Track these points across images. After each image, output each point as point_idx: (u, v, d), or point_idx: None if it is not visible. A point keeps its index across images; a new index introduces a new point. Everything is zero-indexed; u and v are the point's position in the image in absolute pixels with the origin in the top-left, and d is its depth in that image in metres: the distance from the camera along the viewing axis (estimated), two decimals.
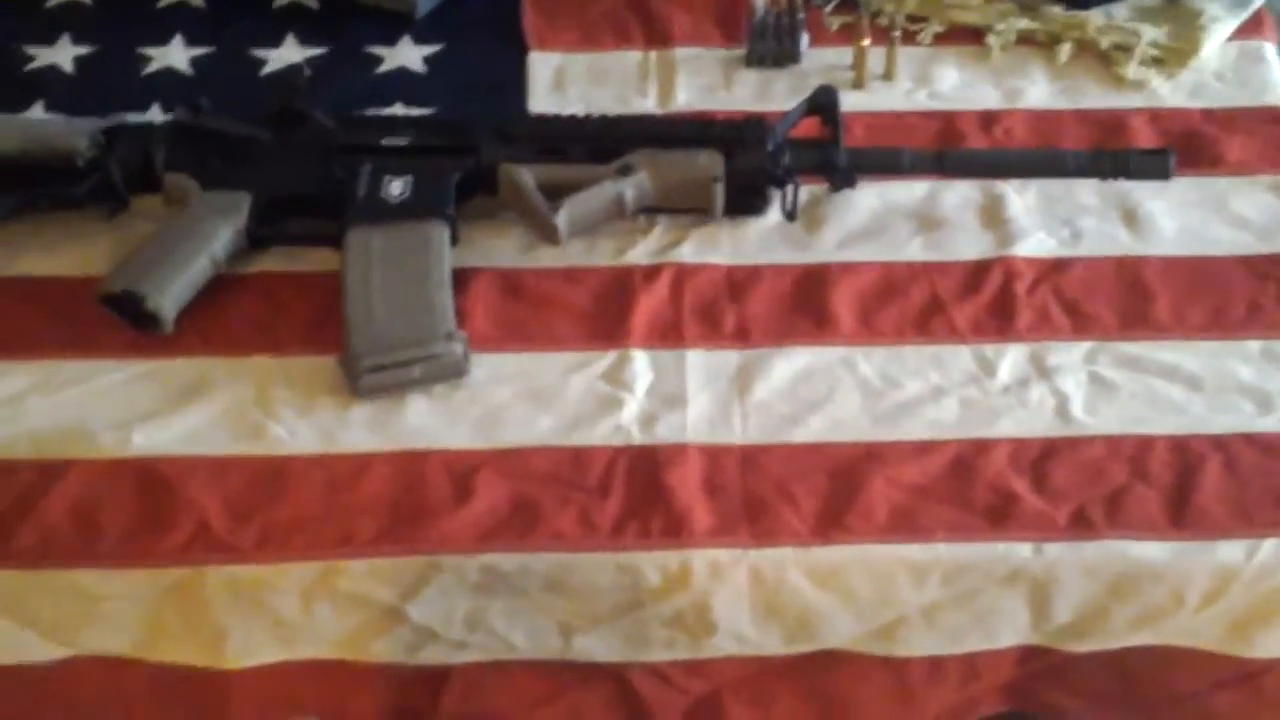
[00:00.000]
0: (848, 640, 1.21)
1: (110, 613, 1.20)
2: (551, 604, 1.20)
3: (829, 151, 1.42)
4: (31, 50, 1.68)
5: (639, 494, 1.21)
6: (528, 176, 1.39)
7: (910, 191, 1.48)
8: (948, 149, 1.46)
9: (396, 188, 1.38)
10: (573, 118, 1.46)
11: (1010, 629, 1.20)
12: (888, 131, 1.55)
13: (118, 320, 1.34)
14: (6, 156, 1.40)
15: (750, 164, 1.40)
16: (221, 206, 1.38)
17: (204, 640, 1.20)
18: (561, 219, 1.37)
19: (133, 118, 1.56)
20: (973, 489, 1.22)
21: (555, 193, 1.39)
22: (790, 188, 1.41)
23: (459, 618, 1.20)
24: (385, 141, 1.43)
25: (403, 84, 1.64)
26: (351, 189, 1.39)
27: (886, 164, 1.43)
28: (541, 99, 1.61)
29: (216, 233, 1.36)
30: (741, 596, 1.18)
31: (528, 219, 1.40)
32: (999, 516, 1.20)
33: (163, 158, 1.41)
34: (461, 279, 1.37)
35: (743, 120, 1.44)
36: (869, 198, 1.47)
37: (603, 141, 1.41)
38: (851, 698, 1.24)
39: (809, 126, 1.46)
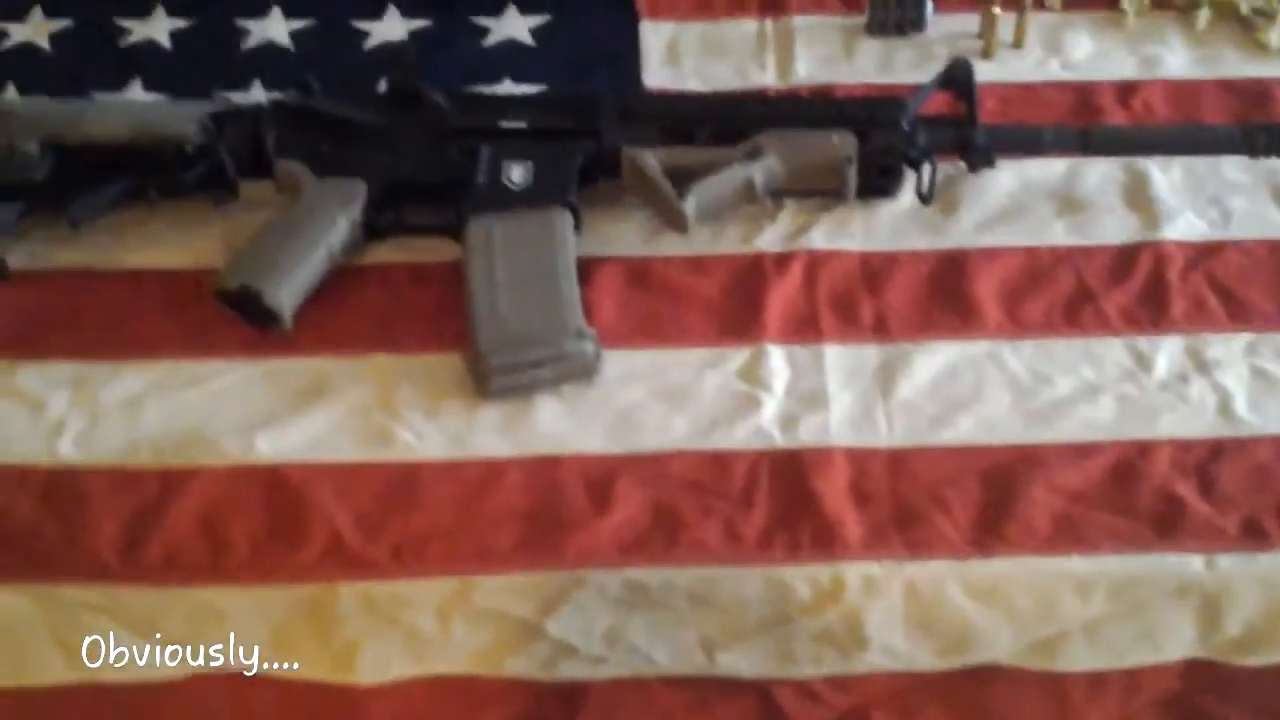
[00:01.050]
0: (1004, 655, 1.16)
1: (238, 628, 1.16)
2: (695, 618, 1.15)
3: (966, 130, 1.36)
4: (126, 23, 1.61)
5: (785, 502, 1.16)
6: (653, 161, 1.33)
7: (1048, 169, 1.42)
8: (1091, 126, 1.40)
9: (517, 173, 1.32)
10: (698, 97, 1.41)
11: (1176, 642, 1.15)
12: (1019, 104, 1.49)
13: (233, 317, 1.28)
14: (112, 143, 1.35)
15: (884, 144, 1.34)
16: (337, 195, 1.33)
17: (335, 656, 1.16)
18: (690, 206, 1.31)
19: (235, 96, 1.50)
20: (1137, 495, 1.16)
21: (681, 177, 1.34)
22: (926, 169, 1.33)
23: (598, 633, 1.15)
24: (503, 123, 1.36)
25: (511, 57, 1.58)
26: (470, 175, 1.34)
27: (1027, 143, 1.37)
28: (655, 72, 1.55)
29: (333, 223, 1.31)
30: (895, 611, 1.13)
31: (653, 205, 1.34)
32: (1166, 525, 1.14)
33: (273, 143, 1.35)
34: (584, 269, 1.31)
35: (876, 98, 1.38)
36: (1006, 177, 1.40)
37: (730, 123, 1.35)
38: (1006, 713, 1.19)
39: (938, 101, 1.40)
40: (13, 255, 1.35)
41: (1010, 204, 1.38)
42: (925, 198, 1.35)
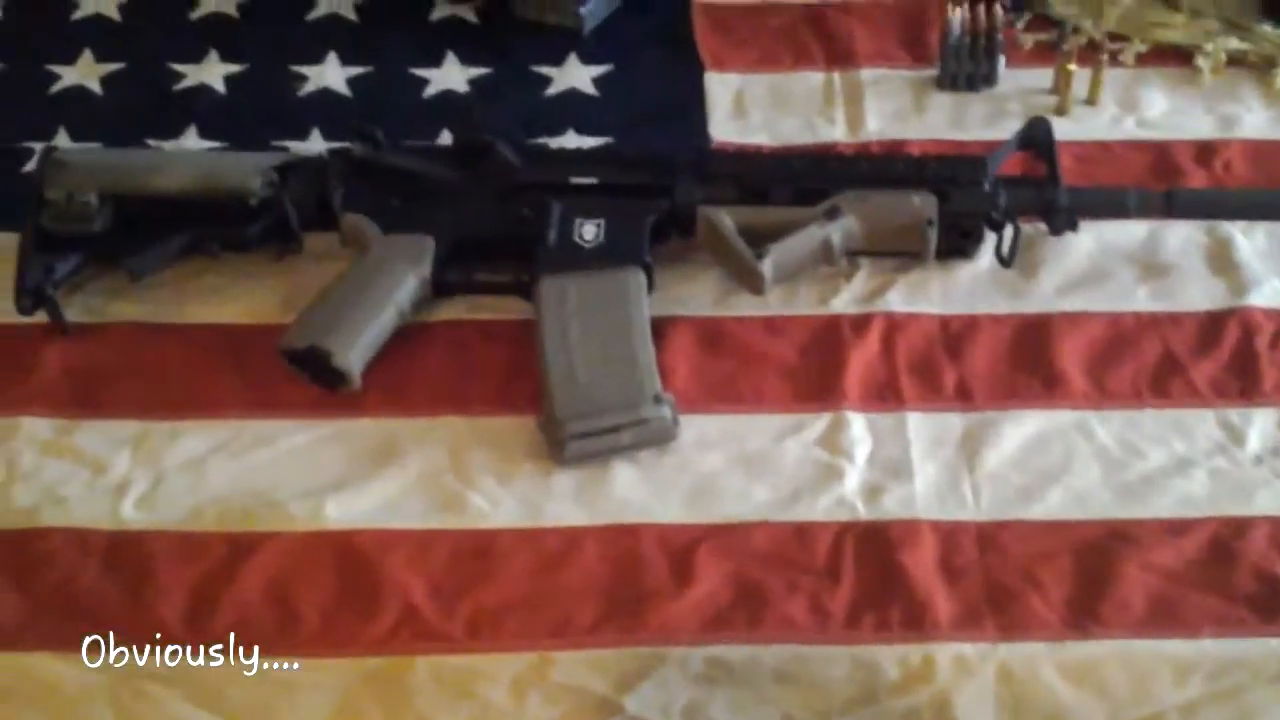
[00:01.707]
0: None
1: (305, 702, 1.11)
2: (778, 695, 1.11)
3: (1049, 192, 1.33)
4: (179, 68, 1.59)
5: (872, 578, 1.13)
6: (729, 220, 1.30)
7: (1128, 232, 1.39)
8: (1175, 189, 1.36)
9: (589, 231, 1.29)
10: (775, 155, 1.36)
11: None
12: (1095, 164, 1.46)
13: (298, 376, 1.24)
14: (176, 194, 1.32)
15: (966, 206, 1.31)
16: (405, 252, 1.30)
17: None
18: (768, 267, 1.28)
19: (294, 145, 1.47)
20: (1235, 575, 1.13)
21: (756, 236, 1.30)
22: (1008, 231, 1.30)
23: (677, 709, 1.11)
24: (574, 179, 1.32)
25: (574, 107, 1.55)
26: (541, 232, 1.30)
27: (1110, 206, 1.34)
28: (722, 124, 1.53)
29: (402, 281, 1.28)
30: (987, 693, 1.10)
31: (728, 265, 1.32)
32: (1266, 607, 1.11)
33: (339, 198, 1.31)
34: (655, 329, 1.29)
35: (957, 157, 1.34)
36: (1084, 239, 1.38)
37: (808, 182, 1.31)
38: None
39: (1011, 160, 1.37)
40: (69, 308, 1.32)
41: (1090, 267, 1.36)
42: (1006, 261, 1.32)
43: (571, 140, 1.50)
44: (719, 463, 1.21)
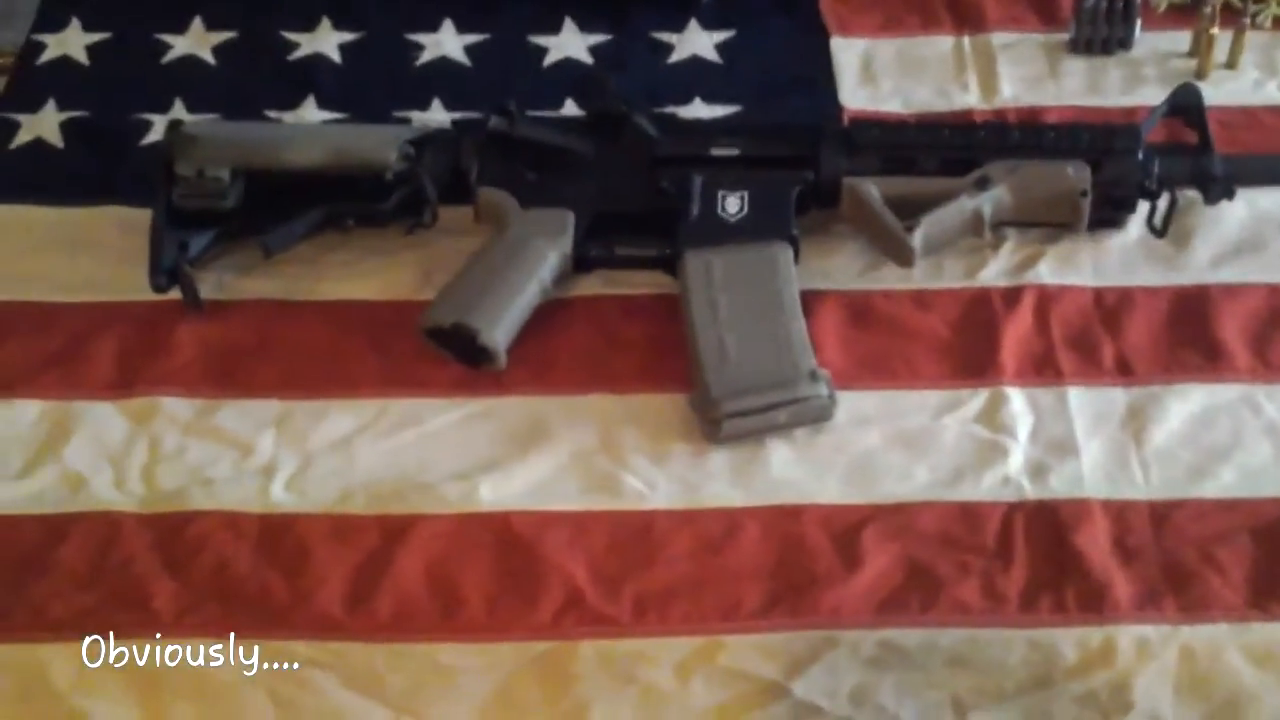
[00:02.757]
0: (1271, 719, 1.08)
1: (465, 685, 1.09)
2: (949, 679, 1.09)
3: (1204, 160, 1.29)
4: (292, 36, 1.56)
5: (1045, 559, 1.11)
6: (876, 192, 1.26)
7: (1279, 198, 1.33)
8: None
9: (733, 204, 1.26)
10: (921, 125, 1.34)
11: None
12: (1239, 129, 1.43)
13: (441, 354, 1.22)
14: (310, 169, 1.28)
15: (1120, 175, 1.27)
16: (546, 227, 1.27)
17: (561, 713, 1.10)
18: (918, 239, 1.25)
19: (416, 115, 1.44)
20: None
21: (902, 207, 1.27)
22: (1163, 201, 1.26)
23: (845, 693, 1.09)
24: (715, 151, 1.29)
25: (698, 75, 1.52)
26: (684, 206, 1.27)
27: (1267, 173, 1.32)
28: (853, 92, 1.49)
29: (544, 257, 1.25)
30: (1167, 676, 1.07)
31: (875, 238, 1.29)
32: None
33: (476, 172, 1.28)
34: (802, 304, 1.25)
35: (1111, 125, 1.31)
36: (1237, 207, 1.35)
37: (956, 152, 1.28)
38: None
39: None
40: (200, 286, 1.29)
41: (1245, 236, 1.32)
42: (1160, 231, 1.29)
43: (699, 110, 1.46)
44: (877, 441, 1.19)
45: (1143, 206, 1.31)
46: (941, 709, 1.09)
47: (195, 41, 1.57)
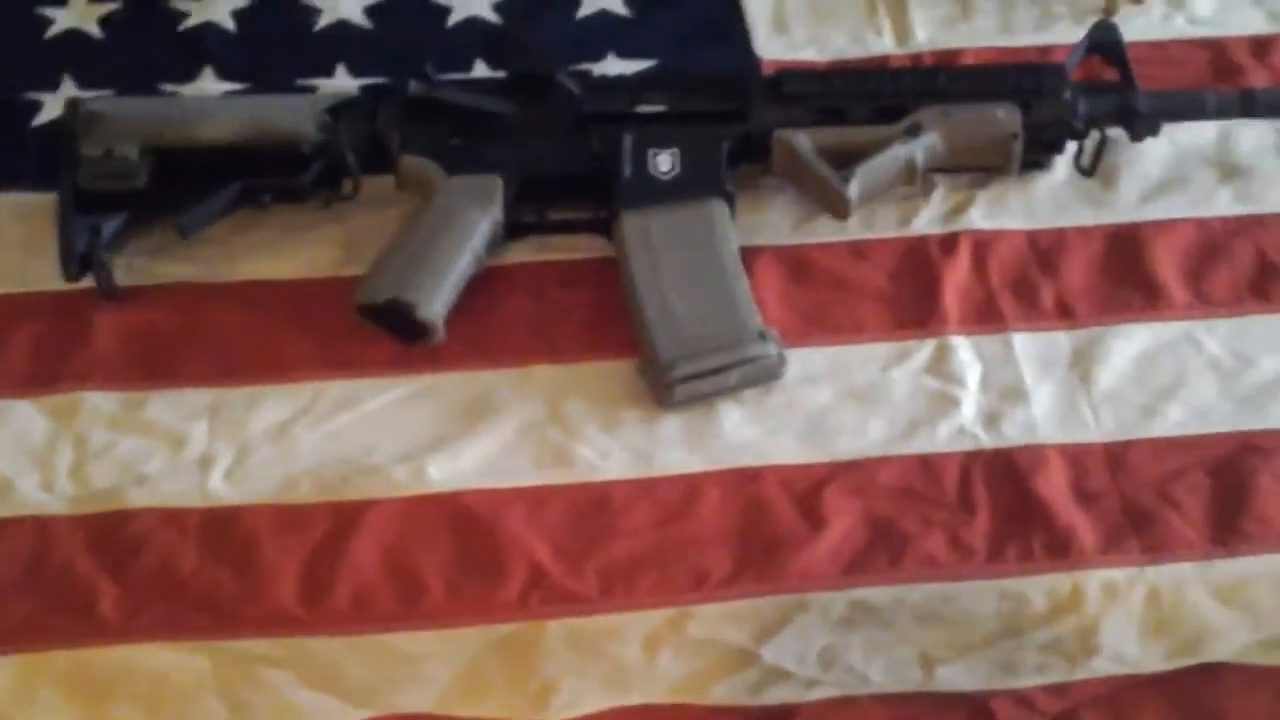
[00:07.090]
0: (1235, 653, 1.10)
1: (428, 674, 1.06)
2: (917, 635, 1.09)
3: (1128, 97, 1.29)
4: (181, 5, 1.50)
5: (1008, 508, 1.11)
6: (809, 143, 1.24)
7: (1200, 134, 1.36)
8: (1253, 89, 1.33)
9: (665, 162, 1.24)
10: (849, 73, 1.32)
11: None
12: (1152, 64, 1.42)
13: (375, 331, 1.18)
14: (224, 144, 1.23)
15: (1049, 116, 1.28)
16: (474, 194, 1.23)
17: (527, 694, 1.08)
18: (854, 190, 1.24)
19: (323, 84, 1.41)
20: None
21: (834, 158, 1.26)
22: (1093, 139, 1.26)
23: (814, 655, 1.09)
24: (642, 108, 1.26)
25: (609, 30, 1.49)
26: (615, 166, 1.23)
27: (1189, 108, 1.31)
28: (767, 41, 1.47)
29: (474, 225, 1.21)
30: (1133, 617, 1.08)
31: (809, 190, 1.27)
32: None
33: (398, 139, 1.23)
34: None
35: (1036, 65, 1.31)
36: (1159, 144, 1.34)
37: (886, 100, 1.26)
38: (1228, 709, 1.13)
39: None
40: (114, 271, 1.22)
41: (1169, 173, 1.33)
42: (1089, 170, 1.29)
43: (614, 65, 1.43)
44: (828, 397, 1.18)
45: (1069, 147, 1.29)
46: (909, 665, 1.09)
47: (79, 14, 1.49)
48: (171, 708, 1.05)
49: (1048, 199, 1.31)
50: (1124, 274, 1.25)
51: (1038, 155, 1.30)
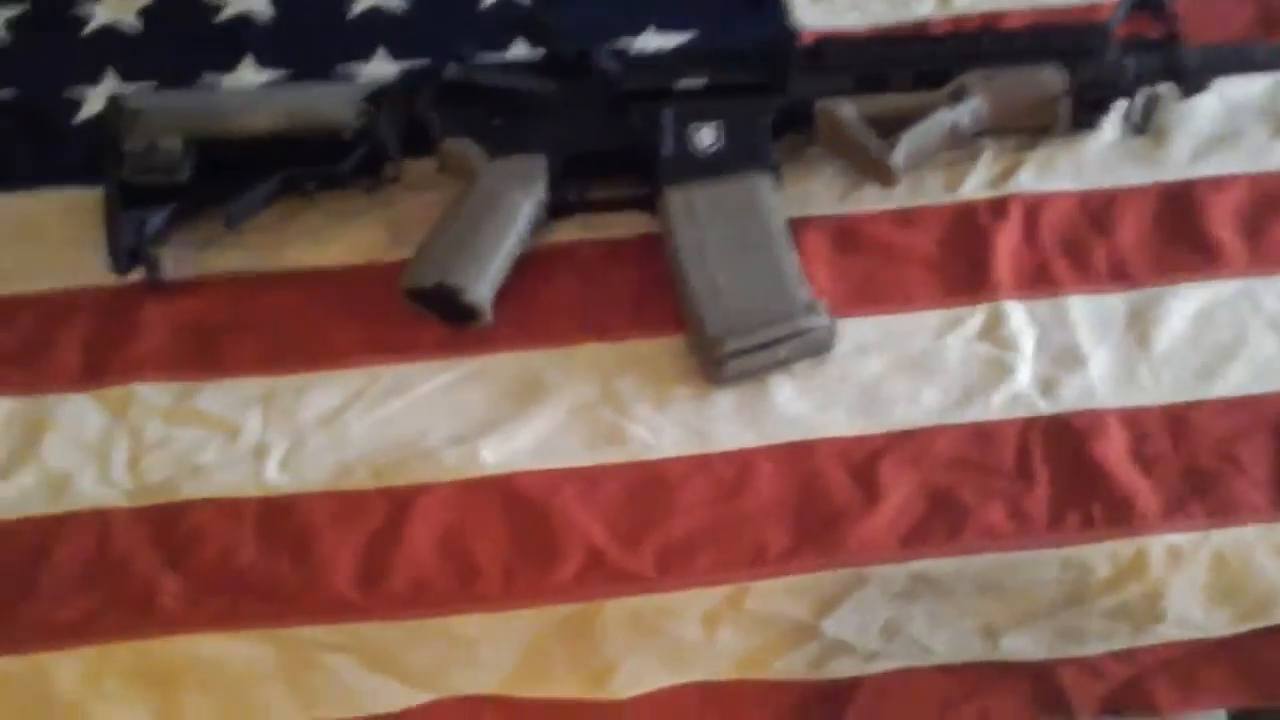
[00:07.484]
0: None
1: (486, 655, 1.06)
2: (979, 605, 1.08)
3: (1176, 53, 1.27)
4: None
5: (1067, 475, 1.09)
6: (852, 112, 1.23)
7: (1248, 88, 1.34)
8: None
9: (707, 136, 1.22)
10: (890, 40, 1.30)
11: None
12: (1194, 18, 1.38)
13: (423, 315, 1.17)
14: (266, 135, 1.23)
15: (1096, 76, 1.25)
16: (517, 175, 1.22)
17: (588, 674, 1.08)
18: (900, 157, 1.22)
19: (364, 70, 1.41)
20: None
21: (878, 125, 1.24)
22: (1142, 97, 1.24)
23: (875, 628, 1.08)
24: (682, 83, 1.25)
25: (648, 4, 1.45)
26: (655, 142, 1.22)
27: (1239, 62, 1.29)
28: (805, 9, 1.45)
29: (518, 206, 1.20)
30: (1198, 582, 1.06)
31: (854, 159, 1.25)
32: None
33: (438, 123, 1.23)
34: None
35: (1080, 25, 1.28)
36: (1209, 99, 1.32)
37: (929, 64, 1.24)
38: None
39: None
40: (162, 263, 1.22)
41: (1222, 128, 1.30)
42: (1139, 129, 1.27)
43: (653, 38, 1.42)
44: (880, 368, 1.16)
45: (1117, 106, 1.27)
46: (972, 636, 1.09)
47: (116, 8, 1.48)
48: (237, 695, 1.05)
49: (1097, 160, 1.28)
50: (1178, 233, 1.22)
51: (1086, 115, 1.28)
